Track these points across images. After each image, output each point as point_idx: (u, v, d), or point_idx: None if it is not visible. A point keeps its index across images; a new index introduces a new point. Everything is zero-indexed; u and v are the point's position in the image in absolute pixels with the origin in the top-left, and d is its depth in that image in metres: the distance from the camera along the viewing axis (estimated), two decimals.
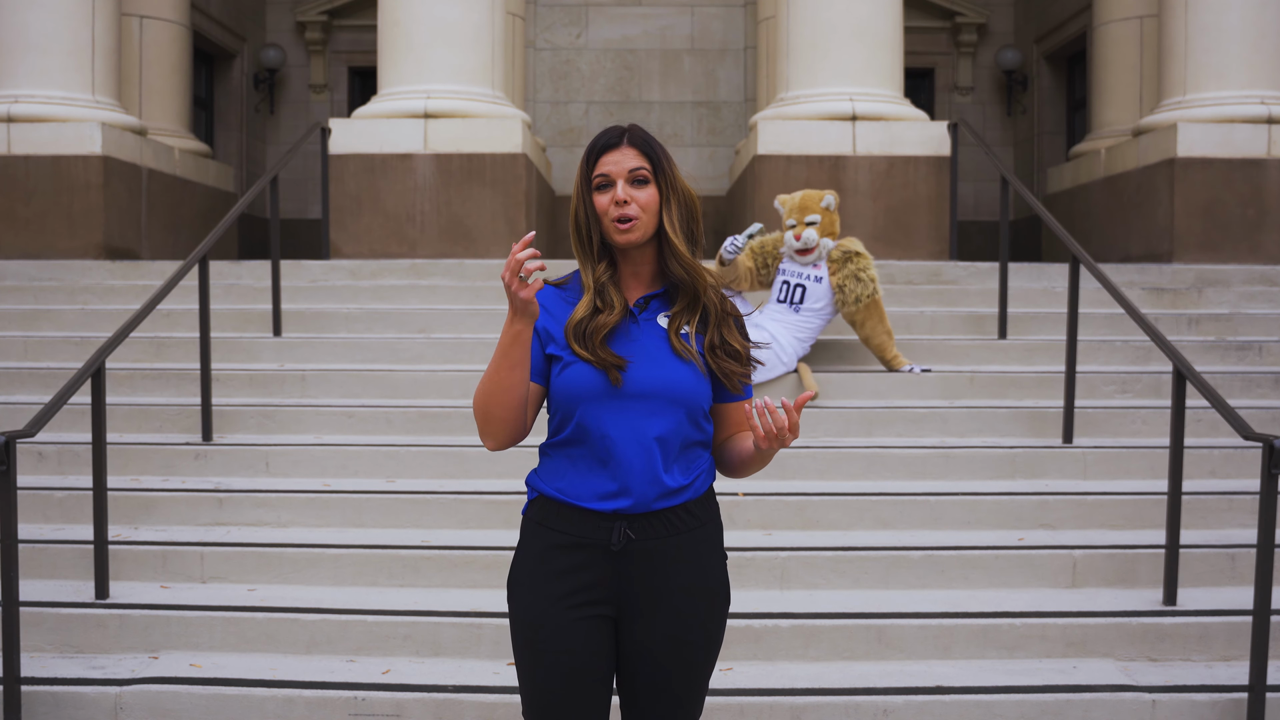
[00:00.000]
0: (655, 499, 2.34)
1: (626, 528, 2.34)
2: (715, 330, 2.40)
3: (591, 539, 2.35)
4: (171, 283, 5.46)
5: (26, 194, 8.84)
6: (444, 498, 5.15)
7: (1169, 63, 9.09)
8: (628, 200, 2.34)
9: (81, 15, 9.08)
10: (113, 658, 4.34)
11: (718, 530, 2.47)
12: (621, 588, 2.36)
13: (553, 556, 2.37)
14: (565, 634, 2.35)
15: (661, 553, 2.36)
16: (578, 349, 2.32)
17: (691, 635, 2.39)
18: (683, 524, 2.38)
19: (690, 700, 2.44)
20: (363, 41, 13.55)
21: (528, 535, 2.44)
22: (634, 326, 2.38)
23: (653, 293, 2.41)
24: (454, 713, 3.99)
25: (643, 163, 2.36)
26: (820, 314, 6.21)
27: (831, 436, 5.86)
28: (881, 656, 4.33)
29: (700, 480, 2.42)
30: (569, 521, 2.36)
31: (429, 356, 6.67)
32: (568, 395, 2.33)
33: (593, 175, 2.37)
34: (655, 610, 2.37)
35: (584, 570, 2.35)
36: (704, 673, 2.45)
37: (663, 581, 2.36)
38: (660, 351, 2.36)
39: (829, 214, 6.24)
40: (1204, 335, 7.09)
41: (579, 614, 2.35)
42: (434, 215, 8.81)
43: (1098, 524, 5.14)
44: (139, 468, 5.56)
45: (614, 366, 2.31)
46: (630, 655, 2.40)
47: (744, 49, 13.15)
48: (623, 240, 2.35)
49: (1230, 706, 4.00)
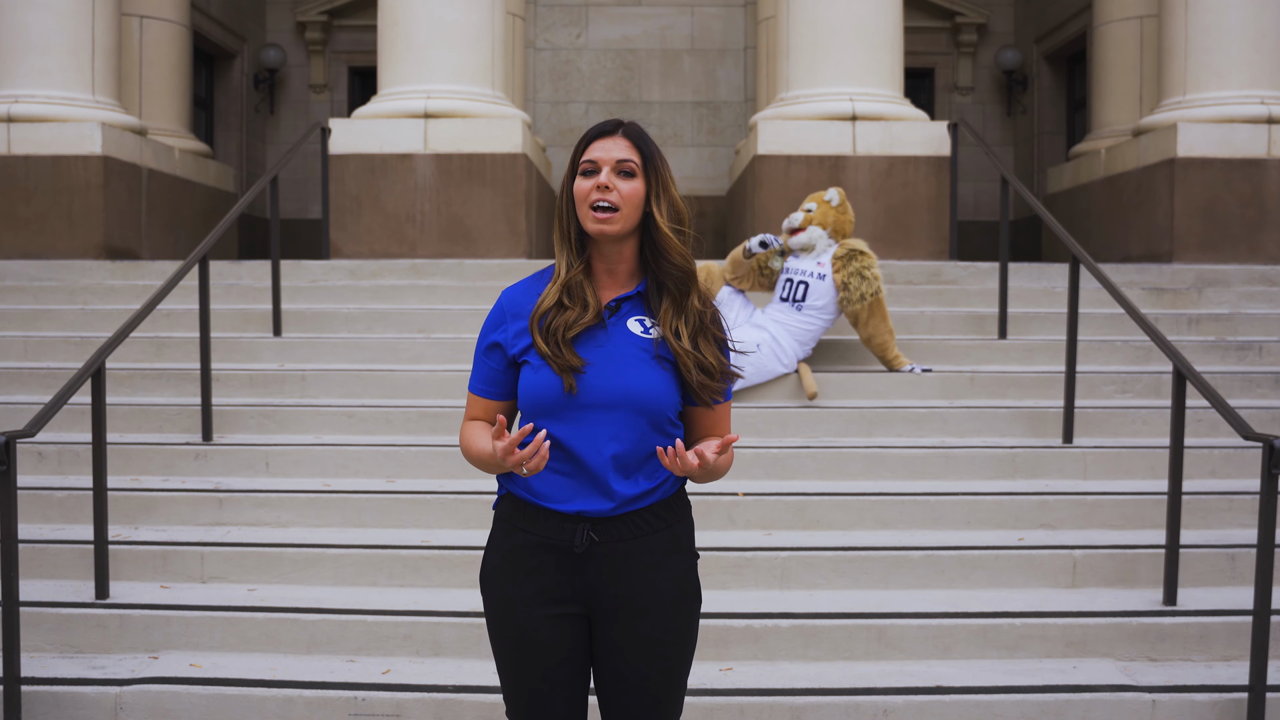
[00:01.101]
0: (617, 507, 2.32)
1: (590, 530, 2.32)
2: (693, 339, 2.33)
3: (555, 540, 2.33)
4: (171, 283, 5.46)
5: (26, 194, 8.84)
6: (444, 498, 5.15)
7: (1169, 63, 9.09)
8: (610, 187, 2.27)
9: (81, 15, 9.07)
10: (113, 658, 4.34)
11: (687, 530, 2.44)
12: (589, 589, 2.35)
13: (520, 555, 2.36)
14: (535, 630, 2.35)
15: (626, 554, 2.34)
16: (540, 343, 2.28)
17: (662, 636, 2.37)
18: (648, 526, 2.35)
19: (668, 699, 2.42)
20: (363, 41, 13.55)
21: (497, 532, 2.43)
22: (601, 332, 2.32)
23: (626, 294, 2.35)
24: (454, 713, 3.99)
25: (633, 155, 2.30)
26: (822, 313, 6.21)
27: (831, 436, 5.86)
28: (881, 656, 4.33)
29: (668, 483, 2.38)
30: (534, 521, 2.35)
31: (429, 356, 6.67)
32: (529, 404, 2.32)
33: (580, 160, 2.32)
34: (624, 611, 2.35)
35: (550, 570, 2.35)
36: (680, 672, 2.43)
37: (629, 583, 2.34)
38: (628, 357, 2.30)
39: (827, 205, 6.25)
40: (1204, 335, 7.09)
41: (547, 611, 2.35)
42: (434, 215, 8.81)
43: (1098, 524, 5.14)
44: (139, 468, 5.56)
45: (571, 370, 2.26)
46: (603, 656, 2.39)
47: (744, 49, 13.15)
48: (597, 229, 2.28)
49: (1230, 706, 4.00)
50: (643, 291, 2.36)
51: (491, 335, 2.39)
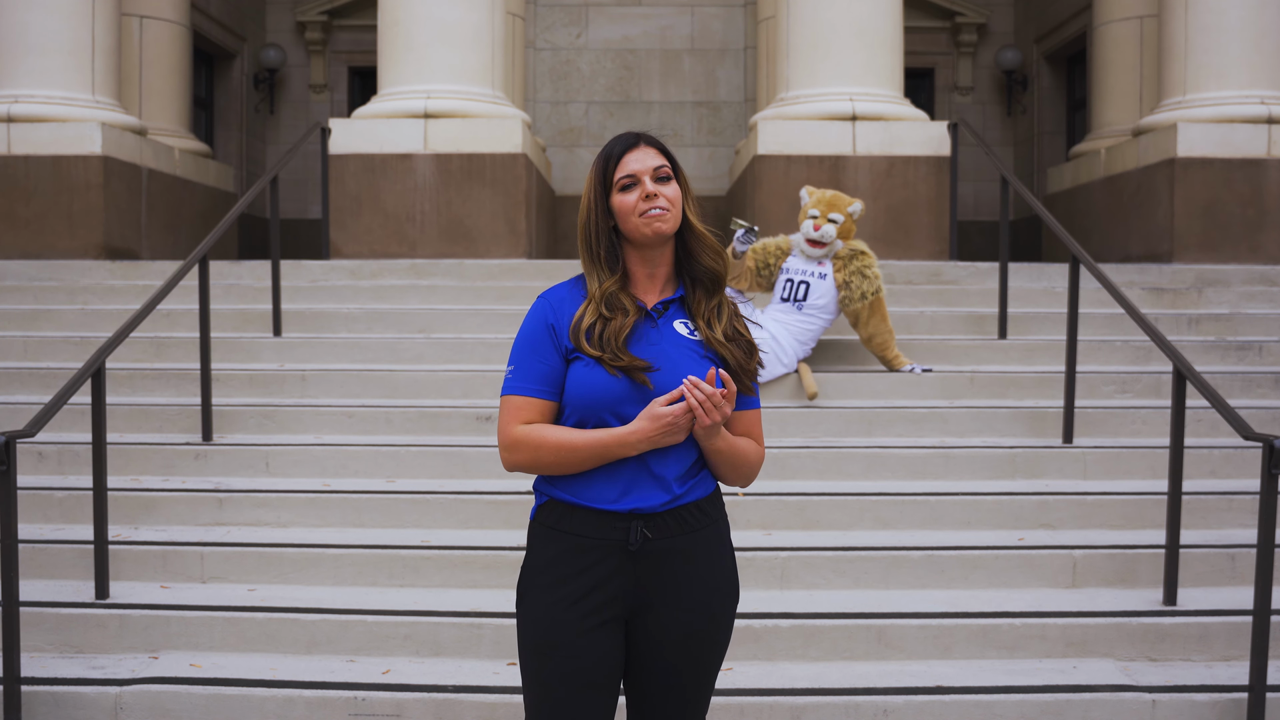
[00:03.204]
0: (668, 501, 2.34)
1: (643, 527, 2.34)
2: (729, 323, 2.42)
3: (608, 540, 2.34)
4: (171, 283, 5.46)
5: (26, 194, 8.84)
6: (444, 498, 5.15)
7: (1169, 63, 9.09)
8: (656, 194, 2.34)
9: (81, 15, 9.07)
10: (113, 658, 4.34)
11: (726, 527, 2.49)
12: (635, 587, 2.36)
13: (566, 560, 2.36)
14: (576, 643, 2.33)
15: (676, 550, 2.36)
16: (592, 352, 2.30)
17: (703, 631, 2.39)
18: (696, 521, 2.39)
19: (698, 699, 2.44)
20: (363, 41, 13.54)
21: (538, 540, 2.41)
22: (653, 330, 2.37)
23: (668, 298, 2.42)
24: (454, 713, 3.99)
25: (664, 160, 2.38)
26: (823, 313, 6.21)
27: (831, 436, 5.86)
28: (881, 656, 4.33)
29: (708, 479, 2.43)
30: (584, 524, 2.35)
31: (429, 356, 6.67)
32: (592, 400, 2.31)
33: (616, 178, 2.36)
34: (669, 607, 2.37)
35: (597, 570, 2.34)
36: (712, 671, 2.45)
37: (677, 578, 2.37)
38: (682, 357, 2.36)
39: (852, 221, 6.26)
40: (1204, 335, 7.09)
41: (592, 620, 2.34)
42: (434, 215, 8.81)
43: (1098, 524, 5.14)
44: (139, 468, 5.56)
45: (641, 370, 2.30)
46: (642, 653, 2.40)
47: (744, 49, 13.14)
48: (656, 228, 2.34)
49: (1230, 706, 4.00)
50: (683, 296, 2.43)
51: (541, 331, 2.37)
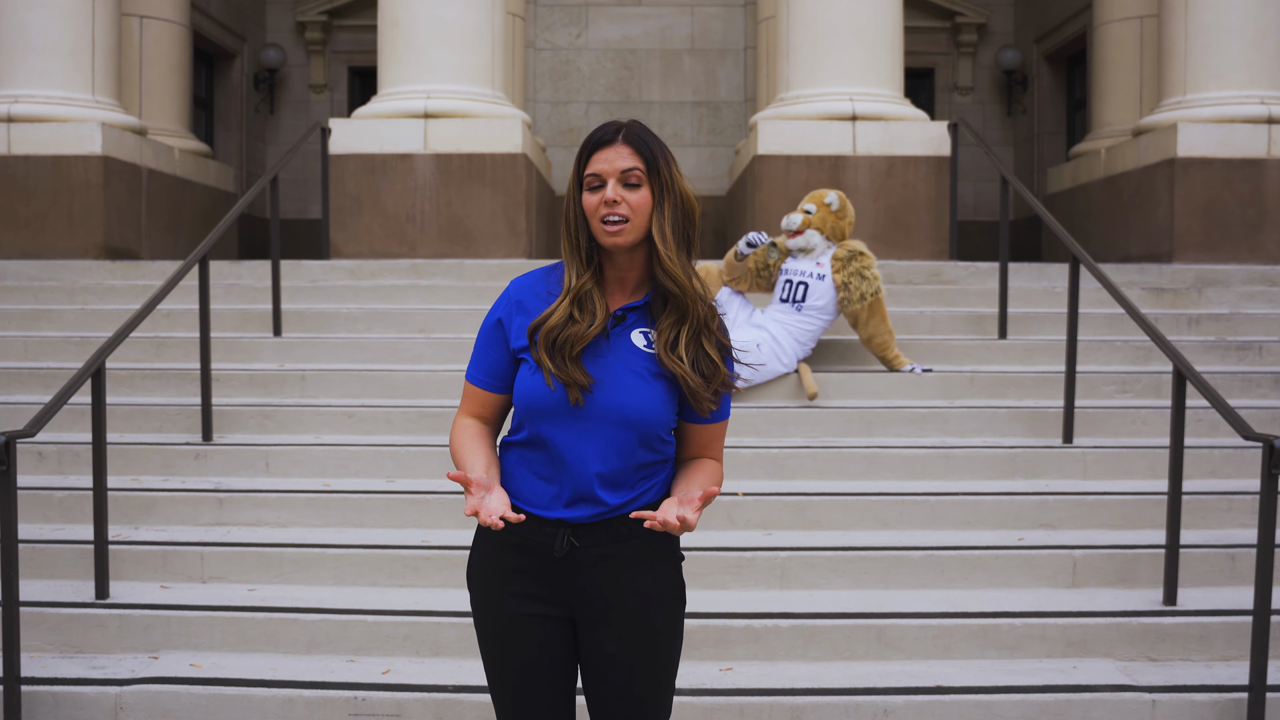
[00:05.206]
0: (600, 513, 2.31)
1: (570, 535, 2.31)
2: (692, 345, 2.30)
3: (536, 542, 2.33)
4: (171, 283, 5.46)
5: (26, 194, 8.84)
6: (444, 498, 5.15)
7: (1169, 63, 9.09)
8: (618, 200, 2.25)
9: (81, 15, 9.07)
10: (113, 658, 4.34)
11: (667, 534, 2.37)
12: (570, 592, 2.35)
13: (501, 554, 2.37)
14: (514, 627, 2.36)
15: (608, 558, 2.33)
16: (544, 358, 2.25)
17: (647, 638, 2.36)
18: (630, 531, 2.33)
19: (655, 701, 2.41)
20: (363, 41, 13.55)
21: (480, 530, 2.43)
22: (604, 342, 2.30)
23: (633, 303, 2.33)
24: (454, 713, 3.99)
25: (636, 163, 2.27)
26: (822, 314, 6.21)
27: (831, 436, 5.86)
28: (881, 656, 4.33)
29: (652, 492, 2.36)
30: (519, 523, 2.29)
31: (429, 356, 6.67)
32: (527, 407, 2.30)
33: (584, 174, 2.30)
34: (607, 615, 2.35)
35: (529, 572, 2.35)
36: (666, 674, 2.42)
37: (612, 587, 2.34)
38: (627, 373, 2.29)
39: (826, 209, 6.25)
40: (1204, 335, 7.09)
41: (527, 609, 2.35)
42: (434, 215, 8.81)
43: (1098, 524, 5.14)
44: (139, 468, 5.56)
45: (578, 385, 2.25)
46: (589, 659, 2.39)
47: (744, 49, 13.15)
48: (610, 242, 2.27)
49: (1230, 706, 4.00)
50: (649, 301, 2.34)
51: (496, 326, 2.36)
